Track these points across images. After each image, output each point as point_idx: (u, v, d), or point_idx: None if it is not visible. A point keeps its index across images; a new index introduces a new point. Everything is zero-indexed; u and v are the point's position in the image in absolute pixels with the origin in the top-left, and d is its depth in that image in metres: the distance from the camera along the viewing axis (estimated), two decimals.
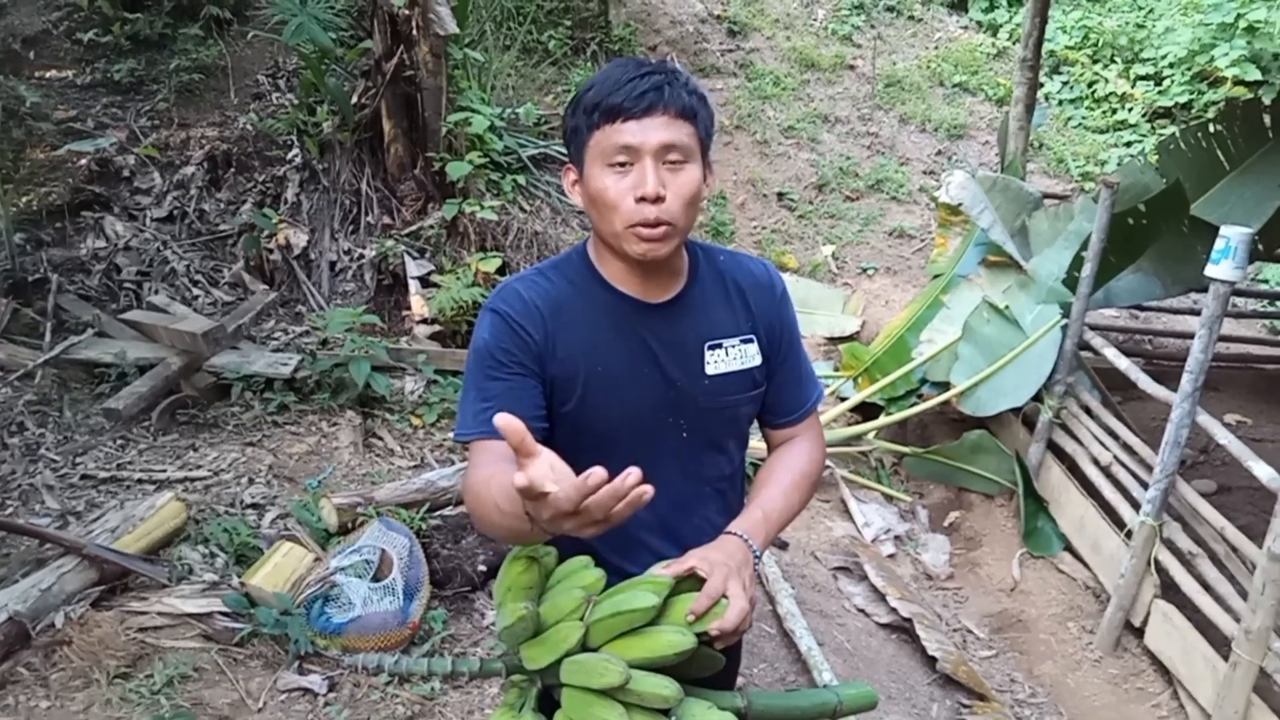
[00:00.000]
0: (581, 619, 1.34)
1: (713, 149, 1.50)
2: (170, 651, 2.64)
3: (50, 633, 2.60)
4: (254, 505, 3.38)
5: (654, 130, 1.36)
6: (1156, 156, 4.92)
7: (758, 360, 1.56)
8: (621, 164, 1.37)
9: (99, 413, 3.75)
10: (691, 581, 1.36)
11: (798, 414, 1.65)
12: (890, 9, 9.05)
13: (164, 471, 3.50)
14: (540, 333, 1.44)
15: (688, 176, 1.39)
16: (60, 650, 2.56)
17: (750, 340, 1.55)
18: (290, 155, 5.28)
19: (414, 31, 4.82)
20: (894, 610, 3.60)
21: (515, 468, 1.35)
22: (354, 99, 5.13)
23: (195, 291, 4.72)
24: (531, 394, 1.44)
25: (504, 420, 1.10)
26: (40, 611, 2.62)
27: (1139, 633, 3.64)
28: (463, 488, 1.41)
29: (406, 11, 4.76)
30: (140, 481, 3.43)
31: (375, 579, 2.89)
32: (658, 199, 1.36)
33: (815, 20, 8.73)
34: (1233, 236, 3.13)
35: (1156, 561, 3.51)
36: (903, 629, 3.60)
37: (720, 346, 1.52)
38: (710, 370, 1.51)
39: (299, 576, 2.89)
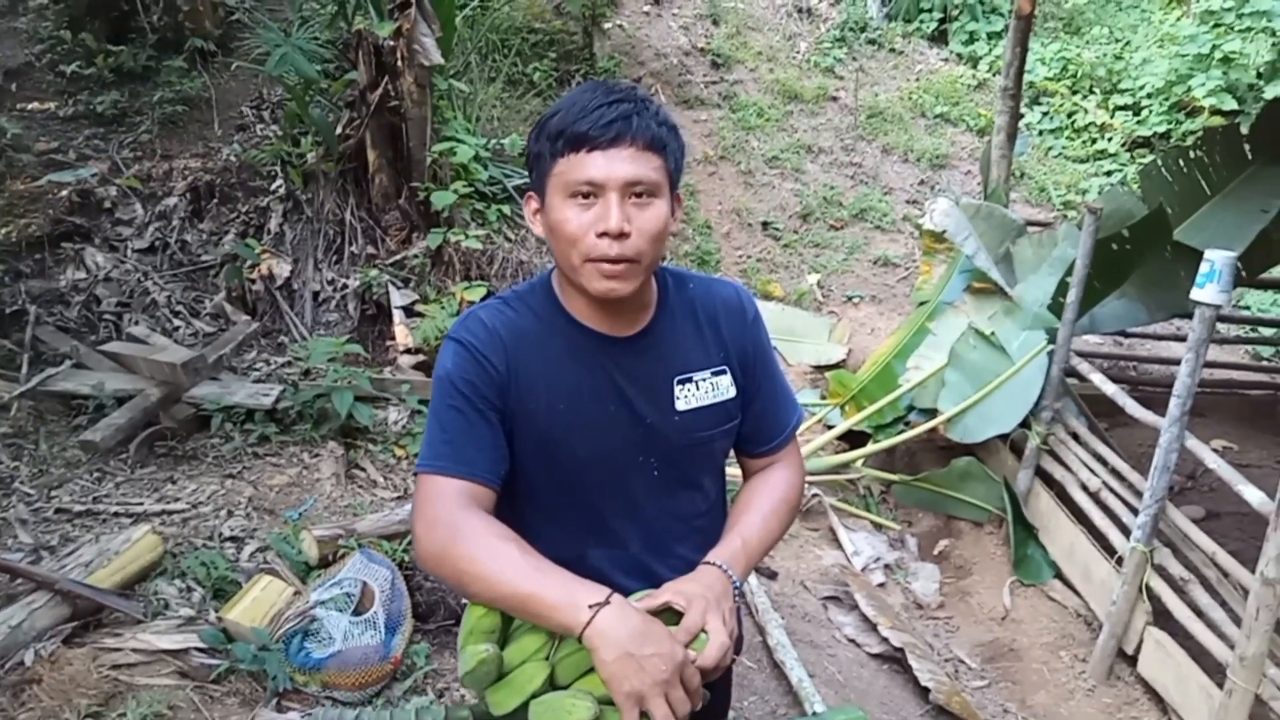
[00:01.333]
0: (546, 658, 1.29)
1: (698, 179, 1.46)
2: (144, 689, 2.56)
3: (19, 671, 2.52)
4: (233, 538, 3.31)
5: (620, 163, 1.30)
6: (1139, 183, 4.96)
7: (731, 392, 1.51)
8: (585, 195, 1.31)
9: (75, 445, 3.69)
10: (669, 615, 1.30)
11: (776, 442, 1.60)
12: (872, 41, 9.16)
13: (141, 505, 3.43)
14: (503, 364, 1.39)
15: (654, 213, 1.33)
16: (29, 689, 2.48)
17: (723, 372, 1.50)
18: (274, 186, 5.26)
19: (399, 62, 4.82)
20: (885, 640, 3.55)
21: (500, 530, 1.31)
22: (338, 129, 5.12)
23: (176, 322, 4.67)
24: (491, 432, 1.38)
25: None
26: (9, 649, 2.53)
27: (1132, 661, 3.60)
28: (423, 523, 1.32)
29: (391, 42, 4.76)
30: (117, 515, 3.36)
31: (356, 613, 2.82)
32: (621, 235, 1.30)
33: (798, 53, 8.83)
34: (1217, 260, 3.13)
35: (1148, 588, 3.47)
36: (894, 659, 3.55)
37: (690, 380, 1.47)
38: (680, 406, 1.46)
39: (278, 611, 2.82)
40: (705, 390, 1.48)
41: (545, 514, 1.47)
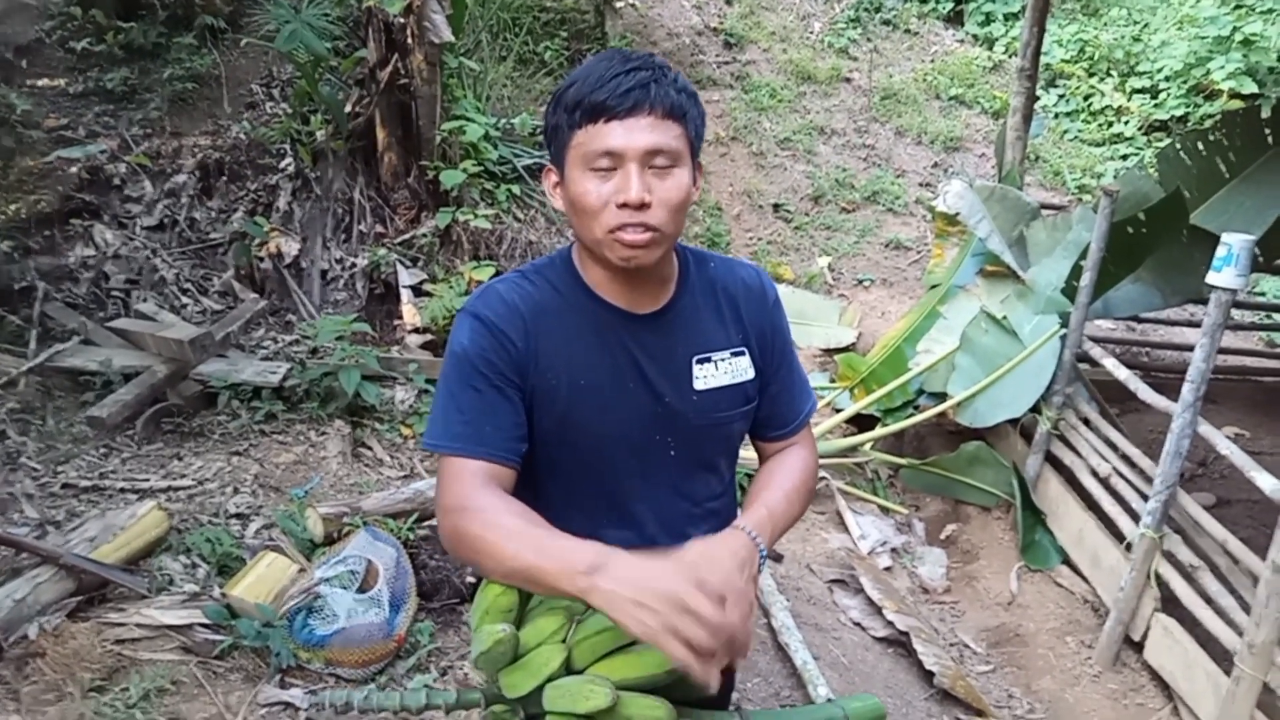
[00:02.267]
0: (564, 640, 1.26)
1: (709, 160, 1.44)
2: (148, 664, 2.57)
3: (23, 644, 2.53)
4: (238, 515, 3.32)
5: (639, 132, 1.27)
6: (1155, 166, 4.89)
7: (749, 374, 1.49)
8: (604, 166, 1.29)
9: (82, 421, 3.69)
10: None
11: (792, 425, 1.58)
12: (886, 22, 9.05)
13: (147, 481, 3.44)
14: (522, 339, 1.37)
15: (675, 181, 1.31)
16: (33, 662, 2.49)
17: (741, 353, 1.49)
18: (283, 164, 5.24)
19: (409, 39, 4.79)
20: (890, 624, 3.54)
21: (513, 508, 1.28)
22: (348, 108, 5.10)
23: (184, 300, 4.66)
24: (511, 410, 1.36)
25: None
26: (13, 623, 2.55)
27: (1139, 647, 3.58)
28: (441, 507, 1.31)
29: (402, 19, 4.73)
30: (122, 491, 3.37)
31: (360, 590, 2.83)
32: (642, 205, 1.28)
33: (811, 33, 8.73)
34: (1234, 244, 3.09)
35: (1157, 574, 3.45)
36: (899, 643, 3.53)
37: (709, 360, 1.45)
38: (699, 385, 1.44)
39: (282, 588, 2.82)
40: (724, 371, 1.46)
41: (562, 493, 1.46)
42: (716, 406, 1.46)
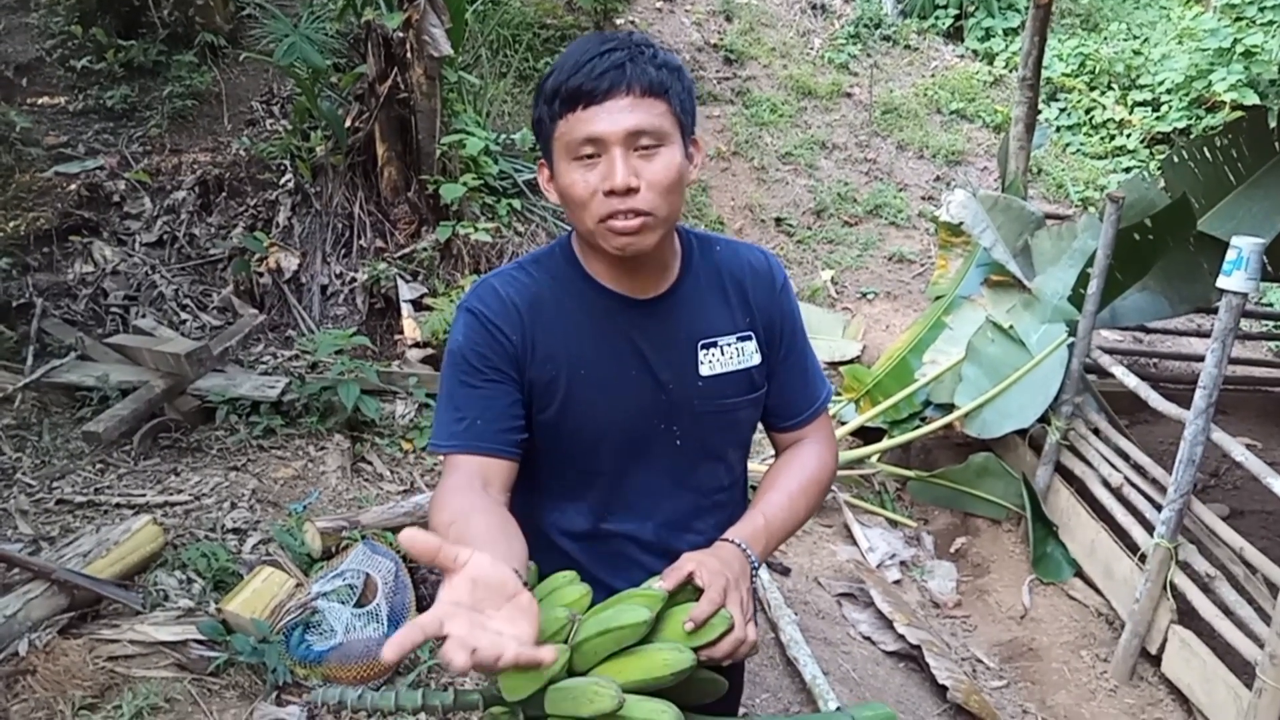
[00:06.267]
0: (566, 640, 1.21)
1: (710, 175, 1.39)
2: (141, 681, 2.51)
3: (14, 661, 2.47)
4: (235, 530, 3.26)
5: (619, 114, 1.22)
6: (1161, 172, 4.85)
7: (756, 359, 1.44)
8: (589, 155, 1.24)
9: (79, 437, 3.65)
10: (687, 592, 1.24)
11: (805, 414, 1.53)
12: (886, 38, 9.06)
13: (143, 496, 3.38)
14: (518, 334, 1.34)
15: (663, 161, 1.25)
16: (23, 680, 2.43)
17: (748, 337, 1.44)
18: (283, 179, 5.22)
19: (408, 54, 4.77)
20: (901, 638, 3.46)
21: (487, 498, 1.25)
22: (347, 122, 5.08)
23: (183, 316, 4.63)
24: (507, 403, 1.33)
25: (409, 538, 0.97)
26: (3, 639, 2.49)
27: (1156, 660, 3.50)
28: (433, 505, 1.29)
29: (401, 34, 4.71)
30: (118, 506, 3.31)
31: (358, 605, 2.77)
32: (629, 190, 1.23)
33: (811, 49, 8.74)
34: (1244, 247, 3.04)
35: (1172, 585, 3.38)
36: (910, 657, 3.46)
37: (715, 345, 1.41)
38: (704, 371, 1.40)
39: (279, 603, 2.76)
40: (730, 356, 1.42)
41: (563, 485, 1.42)
42: (722, 393, 1.42)
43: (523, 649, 0.95)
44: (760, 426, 1.57)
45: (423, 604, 2.97)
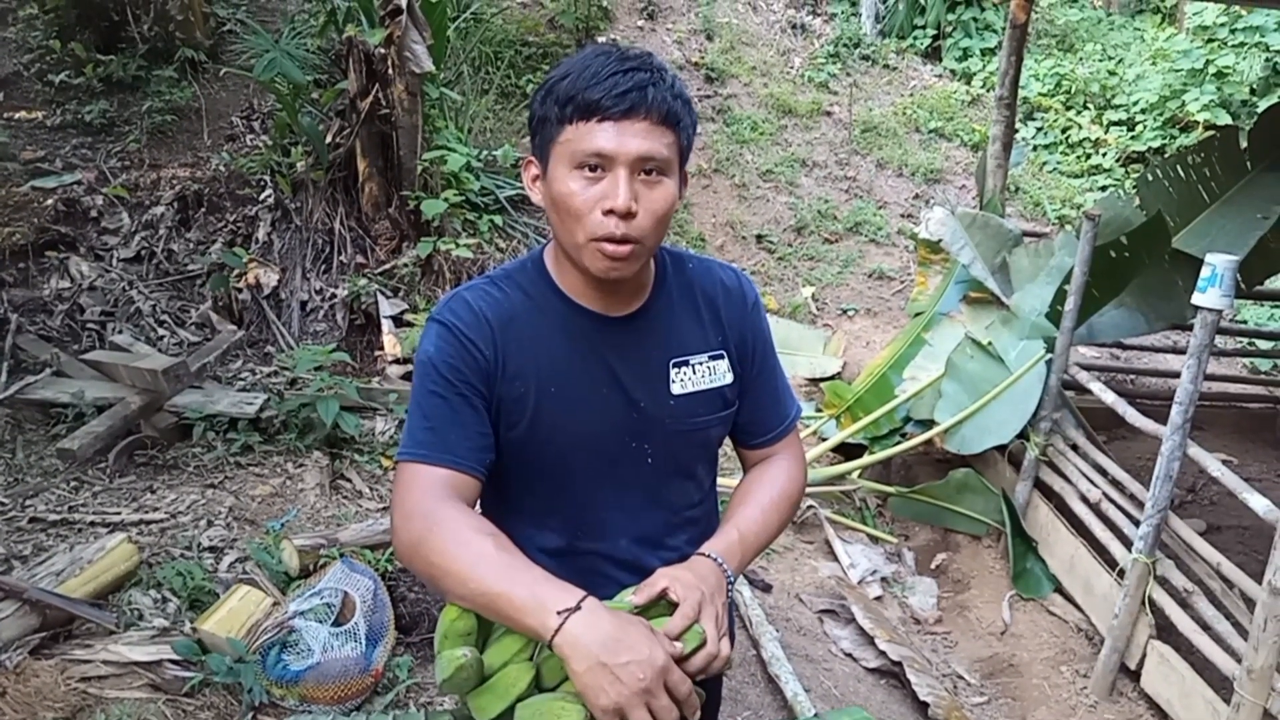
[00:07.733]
0: (531, 658, 1.21)
1: (692, 193, 1.39)
2: (114, 703, 2.47)
3: None
4: (212, 548, 3.22)
5: (632, 137, 1.22)
6: (1136, 190, 4.91)
7: (728, 378, 1.44)
8: (592, 167, 1.23)
9: (53, 454, 3.60)
10: (660, 607, 1.23)
11: (776, 431, 1.53)
12: (865, 57, 9.15)
13: (118, 514, 3.34)
14: (490, 348, 1.32)
15: (663, 192, 1.26)
16: None
17: (720, 356, 1.43)
18: (263, 195, 5.21)
19: (389, 70, 4.78)
20: (883, 654, 3.46)
21: (476, 524, 1.23)
22: (328, 138, 5.07)
23: (161, 332, 4.59)
24: (476, 419, 1.31)
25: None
26: None
27: (1135, 676, 3.52)
28: (402, 513, 1.25)
29: (382, 50, 4.72)
30: (93, 524, 3.26)
31: (336, 623, 2.73)
32: (628, 214, 1.23)
33: (791, 68, 8.82)
34: (1218, 264, 3.08)
35: (1151, 601, 3.40)
36: (892, 674, 3.46)
37: (687, 364, 1.40)
38: (676, 390, 1.39)
39: (255, 622, 2.72)
40: (701, 374, 1.41)
41: (534, 503, 1.41)
42: (694, 411, 1.41)
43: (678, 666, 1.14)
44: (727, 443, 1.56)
45: (401, 622, 2.95)
